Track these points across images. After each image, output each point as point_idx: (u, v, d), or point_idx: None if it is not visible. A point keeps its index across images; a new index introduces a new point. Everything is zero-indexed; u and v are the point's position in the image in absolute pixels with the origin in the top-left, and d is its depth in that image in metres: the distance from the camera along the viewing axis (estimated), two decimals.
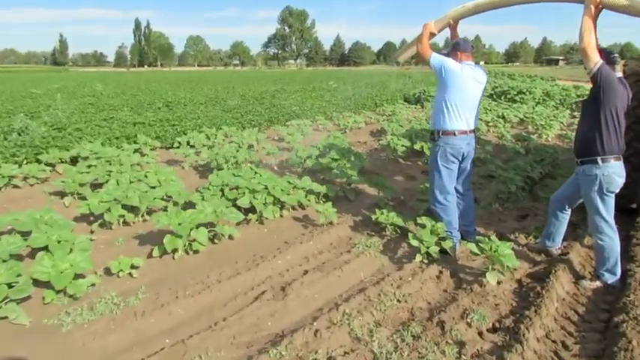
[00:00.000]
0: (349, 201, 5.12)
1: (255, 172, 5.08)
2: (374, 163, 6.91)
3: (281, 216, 4.58)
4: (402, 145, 7.10)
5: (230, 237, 4.02)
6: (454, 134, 3.57)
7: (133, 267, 3.40)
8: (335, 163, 5.69)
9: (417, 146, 7.07)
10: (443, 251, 3.60)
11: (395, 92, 16.89)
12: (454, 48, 3.66)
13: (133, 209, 4.37)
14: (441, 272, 3.42)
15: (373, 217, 4.21)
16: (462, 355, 2.47)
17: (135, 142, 7.21)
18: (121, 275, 3.35)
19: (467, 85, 3.55)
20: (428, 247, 3.56)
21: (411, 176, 6.38)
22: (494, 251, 3.22)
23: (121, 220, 4.29)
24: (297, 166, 6.13)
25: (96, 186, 5.06)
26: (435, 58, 3.51)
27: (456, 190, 3.83)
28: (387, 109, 12.41)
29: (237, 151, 6.42)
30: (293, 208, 4.78)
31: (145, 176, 5.20)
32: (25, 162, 5.87)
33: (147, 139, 7.26)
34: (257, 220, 4.42)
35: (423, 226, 3.75)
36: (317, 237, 4.07)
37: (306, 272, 3.41)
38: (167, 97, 14.38)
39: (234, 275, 3.35)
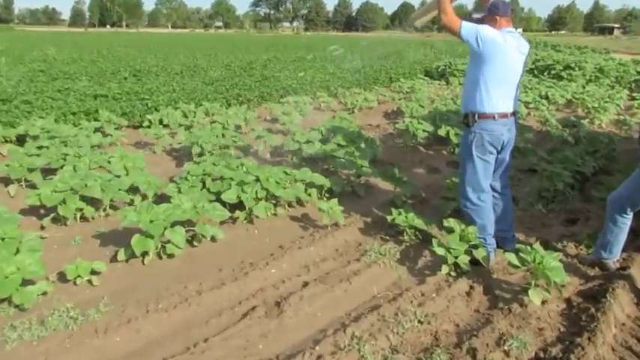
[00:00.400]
0: (359, 197, 5.10)
1: (244, 160, 5.04)
2: (389, 152, 6.89)
3: (275, 214, 4.56)
4: (424, 130, 7.07)
5: (213, 239, 4.00)
6: (493, 118, 3.52)
7: (93, 272, 3.37)
8: (341, 151, 5.65)
9: (441, 131, 7.04)
10: (474, 262, 3.57)
11: (414, 64, 16.85)
12: (491, 12, 3.58)
13: (93, 202, 4.33)
14: (471, 288, 3.41)
15: (388, 218, 4.20)
16: None
17: (96, 120, 7.19)
18: (79, 282, 3.33)
19: (510, 57, 3.49)
20: (456, 257, 3.54)
21: (434, 168, 6.37)
22: (538, 263, 3.20)
23: (79, 214, 4.27)
24: (295, 153, 6.09)
25: (48, 172, 5.03)
26: (467, 29, 3.42)
27: (492, 188, 3.80)
28: (405, 85, 12.38)
29: (223, 135, 6.38)
30: (290, 204, 4.76)
31: (109, 162, 5.20)
32: None
33: (110, 116, 7.23)
34: (246, 219, 4.39)
35: (451, 231, 3.72)
36: (319, 241, 4.05)
37: (306, 284, 3.40)
38: (135, 65, 14.33)
39: (217, 286, 3.33)
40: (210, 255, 3.85)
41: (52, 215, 4.19)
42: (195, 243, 3.94)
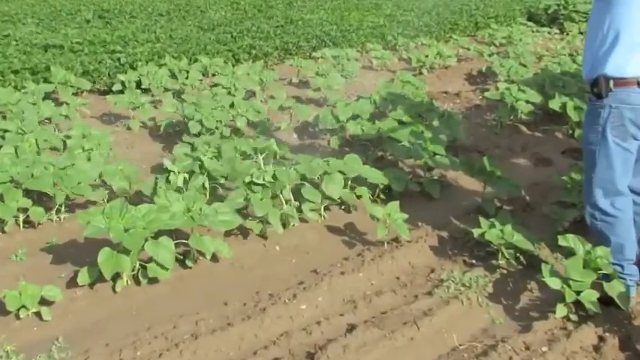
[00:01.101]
0: (430, 201, 5.11)
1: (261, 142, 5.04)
2: (475, 133, 6.87)
3: (305, 221, 4.58)
4: (527, 102, 6.98)
5: (214, 257, 4.03)
6: (638, 85, 3.46)
7: (43, 302, 3.43)
8: (404, 131, 5.60)
9: (554, 104, 6.93)
10: (606, 301, 3.53)
11: (511, 3, 16.62)
12: None
13: (42, 199, 4.42)
14: (602, 339, 3.37)
15: (475, 232, 4.17)
16: None
17: (46, 81, 7.28)
18: (24, 316, 3.39)
19: None
20: (578, 293, 3.50)
21: (544, 159, 6.30)
22: None
23: (22, 216, 4.35)
24: (336, 133, 6.08)
25: None
26: None
27: (630, 189, 3.74)
28: (498, 34, 12.21)
29: (232, 105, 6.38)
30: (327, 209, 4.78)
31: (64, 142, 5.26)
32: None
33: (67, 76, 7.30)
34: (262, 231, 4.41)
35: (570, 253, 3.68)
36: (372, 264, 4.05)
37: (352, 328, 3.39)
38: (101, 3, 14.51)
39: (222, 327, 3.35)
40: (211, 281, 3.88)
41: None
42: (188, 263, 3.97)
